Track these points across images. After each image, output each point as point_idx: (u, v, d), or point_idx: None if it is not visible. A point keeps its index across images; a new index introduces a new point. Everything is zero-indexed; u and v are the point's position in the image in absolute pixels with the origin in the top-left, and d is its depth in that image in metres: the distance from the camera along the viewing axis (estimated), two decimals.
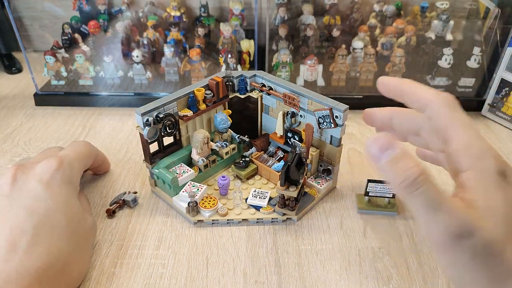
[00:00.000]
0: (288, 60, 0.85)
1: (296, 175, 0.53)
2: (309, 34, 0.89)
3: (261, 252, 0.53)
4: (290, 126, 0.63)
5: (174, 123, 0.59)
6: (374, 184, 0.58)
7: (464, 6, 0.92)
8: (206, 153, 0.63)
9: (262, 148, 0.67)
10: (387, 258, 0.53)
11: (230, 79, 0.64)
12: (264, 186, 0.63)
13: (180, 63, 0.86)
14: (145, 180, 0.65)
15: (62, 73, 0.87)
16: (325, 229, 0.57)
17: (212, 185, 0.63)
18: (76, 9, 0.95)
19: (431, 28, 0.91)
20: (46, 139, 0.76)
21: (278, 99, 0.63)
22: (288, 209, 0.56)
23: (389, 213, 0.59)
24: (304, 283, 0.50)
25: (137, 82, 0.87)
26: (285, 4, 0.92)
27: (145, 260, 0.52)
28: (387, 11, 0.91)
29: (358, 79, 0.87)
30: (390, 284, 0.49)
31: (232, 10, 0.96)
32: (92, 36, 0.91)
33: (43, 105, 0.86)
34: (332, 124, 0.56)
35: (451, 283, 0.49)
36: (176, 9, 0.94)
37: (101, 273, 0.51)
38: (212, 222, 0.57)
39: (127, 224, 0.57)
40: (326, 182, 0.62)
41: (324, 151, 0.61)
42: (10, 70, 1.00)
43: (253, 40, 0.89)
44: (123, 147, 0.74)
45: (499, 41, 0.83)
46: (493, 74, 0.82)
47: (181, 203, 0.57)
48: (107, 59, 0.86)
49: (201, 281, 0.50)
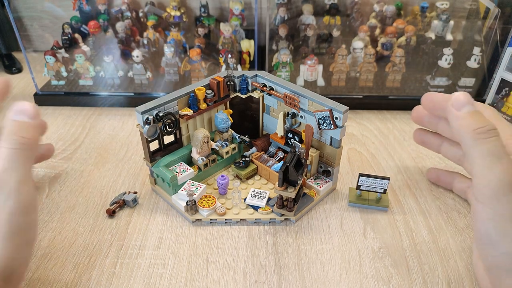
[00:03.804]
0: (288, 60, 0.85)
1: (294, 176, 0.53)
2: (309, 34, 0.89)
3: (261, 252, 0.53)
4: (291, 127, 0.63)
5: (174, 122, 0.59)
6: (365, 178, 0.58)
7: (464, 6, 0.92)
8: (206, 152, 0.63)
9: (263, 148, 0.67)
10: (387, 258, 0.53)
11: (232, 78, 0.64)
12: (264, 186, 0.63)
13: (180, 63, 0.86)
14: (145, 180, 0.65)
15: (62, 73, 0.87)
16: (325, 229, 0.57)
17: (211, 184, 0.63)
18: (76, 9, 0.95)
19: (431, 28, 0.91)
20: (46, 139, 0.76)
21: (279, 100, 0.63)
22: (286, 210, 0.56)
23: (380, 208, 0.60)
24: (304, 283, 0.50)
25: (137, 82, 0.87)
26: (285, 4, 0.92)
27: (145, 260, 0.52)
28: (387, 11, 0.91)
29: (358, 79, 0.87)
30: (390, 284, 0.49)
31: (232, 10, 0.96)
32: (92, 36, 0.91)
33: (43, 105, 0.86)
34: (332, 125, 0.56)
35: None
36: (176, 9, 0.94)
37: (101, 273, 0.51)
38: (210, 221, 0.57)
39: (127, 224, 0.57)
40: (325, 184, 0.62)
41: (324, 152, 0.61)
42: (10, 70, 1.00)
43: (253, 40, 0.89)
44: (123, 147, 0.74)
45: (499, 41, 0.83)
46: (493, 74, 0.82)
47: (180, 201, 0.58)
48: (107, 59, 0.86)
49: (201, 281, 0.50)
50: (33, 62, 0.87)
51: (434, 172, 0.65)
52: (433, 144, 0.61)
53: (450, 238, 0.56)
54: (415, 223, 0.58)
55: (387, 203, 0.60)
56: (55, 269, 0.51)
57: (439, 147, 0.61)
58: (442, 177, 0.64)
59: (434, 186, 0.65)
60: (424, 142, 0.62)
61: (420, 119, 0.60)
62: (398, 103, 0.85)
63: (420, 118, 0.59)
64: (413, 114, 0.60)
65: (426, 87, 0.87)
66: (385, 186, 0.58)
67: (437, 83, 0.87)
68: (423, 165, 0.69)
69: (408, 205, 0.61)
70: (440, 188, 0.64)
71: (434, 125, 0.58)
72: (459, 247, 0.54)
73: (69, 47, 0.90)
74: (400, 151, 0.73)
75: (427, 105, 0.55)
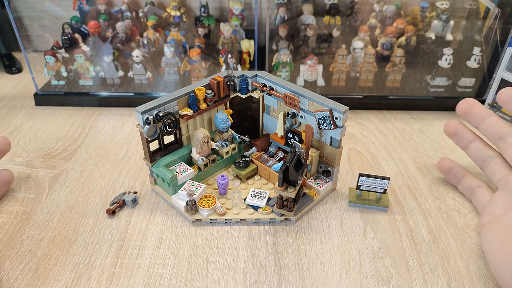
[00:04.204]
0: (288, 60, 0.85)
1: (294, 176, 0.53)
2: (309, 34, 0.89)
3: (261, 252, 0.53)
4: (291, 127, 0.63)
5: (174, 122, 0.59)
6: (365, 178, 0.58)
7: (464, 6, 0.92)
8: (206, 152, 0.63)
9: (263, 148, 0.67)
10: (387, 258, 0.53)
11: (232, 78, 0.64)
12: (264, 186, 0.63)
13: (180, 63, 0.86)
14: (145, 180, 0.65)
15: (62, 73, 0.87)
16: (325, 229, 0.57)
17: (211, 184, 0.63)
18: (76, 9, 0.95)
19: (431, 28, 0.91)
20: (46, 139, 0.76)
21: (279, 100, 0.63)
22: (286, 210, 0.56)
23: (380, 208, 0.60)
24: (304, 283, 0.50)
25: (137, 82, 0.87)
26: (285, 4, 0.91)
27: (145, 260, 0.52)
28: (387, 11, 0.91)
29: (358, 79, 0.87)
30: (390, 284, 0.49)
31: (232, 10, 0.96)
32: (92, 36, 0.91)
33: (43, 105, 0.86)
34: (332, 125, 0.56)
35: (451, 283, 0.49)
36: (176, 9, 0.94)
37: (101, 273, 0.51)
38: (210, 221, 0.57)
39: (127, 224, 0.57)
40: (325, 184, 0.62)
41: (324, 152, 0.61)
42: (10, 70, 1.00)
43: (253, 40, 0.89)
44: (123, 147, 0.74)
45: (499, 41, 0.83)
46: (493, 74, 0.82)
47: (180, 201, 0.58)
48: (107, 59, 0.86)
49: (201, 281, 0.50)
50: (33, 62, 0.88)
51: (448, 163, 0.64)
52: (464, 138, 0.61)
53: (450, 238, 0.56)
54: (415, 223, 0.58)
55: (387, 203, 0.60)
56: (55, 269, 0.51)
57: (469, 143, 0.61)
58: (453, 170, 0.63)
59: (434, 186, 0.65)
60: (456, 134, 0.62)
61: (469, 109, 0.60)
62: (398, 103, 0.85)
63: (470, 109, 0.59)
64: (462, 104, 0.60)
65: (426, 87, 0.87)
66: (385, 186, 0.58)
67: (437, 83, 0.87)
68: (423, 165, 0.69)
69: (408, 205, 0.61)
70: (440, 188, 0.64)
71: (480, 120, 0.59)
72: (459, 247, 0.54)
73: (69, 47, 0.90)
74: (400, 151, 0.73)
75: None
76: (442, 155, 0.72)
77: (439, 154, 0.72)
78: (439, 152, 0.72)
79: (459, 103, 0.61)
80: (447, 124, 0.63)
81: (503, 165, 0.57)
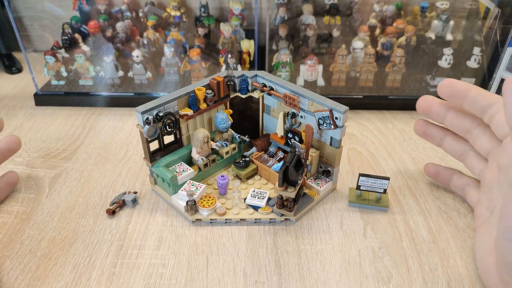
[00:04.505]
0: (288, 60, 0.85)
1: (294, 176, 0.53)
2: (309, 34, 0.89)
3: (261, 252, 0.53)
4: (291, 127, 0.63)
5: (174, 122, 0.59)
6: (365, 178, 0.58)
7: (464, 6, 0.92)
8: (206, 152, 0.63)
9: (263, 148, 0.67)
10: (387, 258, 0.53)
11: (232, 78, 0.64)
12: (264, 186, 0.63)
13: (180, 63, 0.86)
14: (145, 180, 0.65)
15: (62, 73, 0.87)
16: (325, 229, 0.57)
17: (211, 184, 0.63)
18: (76, 9, 0.95)
19: (431, 28, 0.91)
20: (46, 139, 0.76)
21: (279, 100, 0.63)
22: (286, 210, 0.56)
23: (380, 208, 0.60)
24: (304, 283, 0.50)
25: (137, 82, 0.87)
26: (285, 4, 0.92)
27: (145, 260, 0.52)
28: (387, 11, 0.91)
29: (358, 79, 0.87)
30: (390, 284, 0.49)
31: (232, 10, 0.96)
32: (92, 36, 0.91)
33: (43, 105, 0.86)
34: (332, 125, 0.56)
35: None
36: (176, 9, 0.94)
37: (101, 273, 0.51)
38: (210, 221, 0.57)
39: (127, 224, 0.57)
40: (325, 184, 0.62)
41: (324, 152, 0.61)
42: (10, 70, 1.00)
43: (253, 40, 0.89)
44: (123, 147, 0.74)
45: (499, 41, 0.83)
46: (493, 74, 0.82)
47: (180, 201, 0.58)
48: (107, 59, 0.86)
49: (201, 281, 0.50)
50: (33, 62, 0.88)
51: (433, 167, 0.64)
52: (435, 137, 0.60)
53: (450, 238, 0.56)
54: (415, 223, 0.58)
55: (387, 203, 0.60)
56: (55, 269, 0.51)
57: (442, 140, 0.60)
58: (441, 173, 0.63)
59: (434, 186, 0.65)
60: (426, 134, 0.61)
61: (428, 108, 0.58)
62: (398, 103, 0.85)
63: (428, 107, 0.58)
64: (420, 103, 0.58)
65: (426, 87, 0.87)
66: (385, 186, 0.58)
67: (437, 83, 0.86)
68: (423, 165, 0.69)
69: (408, 205, 0.61)
70: (440, 188, 0.64)
71: (441, 117, 0.57)
72: (459, 247, 0.54)
73: (69, 47, 0.90)
74: (400, 151, 0.73)
75: (445, 91, 0.54)
76: (442, 155, 0.72)
77: (438, 154, 0.72)
78: (439, 152, 0.72)
79: (417, 102, 0.59)
80: (415, 125, 0.62)
81: (478, 159, 0.56)
